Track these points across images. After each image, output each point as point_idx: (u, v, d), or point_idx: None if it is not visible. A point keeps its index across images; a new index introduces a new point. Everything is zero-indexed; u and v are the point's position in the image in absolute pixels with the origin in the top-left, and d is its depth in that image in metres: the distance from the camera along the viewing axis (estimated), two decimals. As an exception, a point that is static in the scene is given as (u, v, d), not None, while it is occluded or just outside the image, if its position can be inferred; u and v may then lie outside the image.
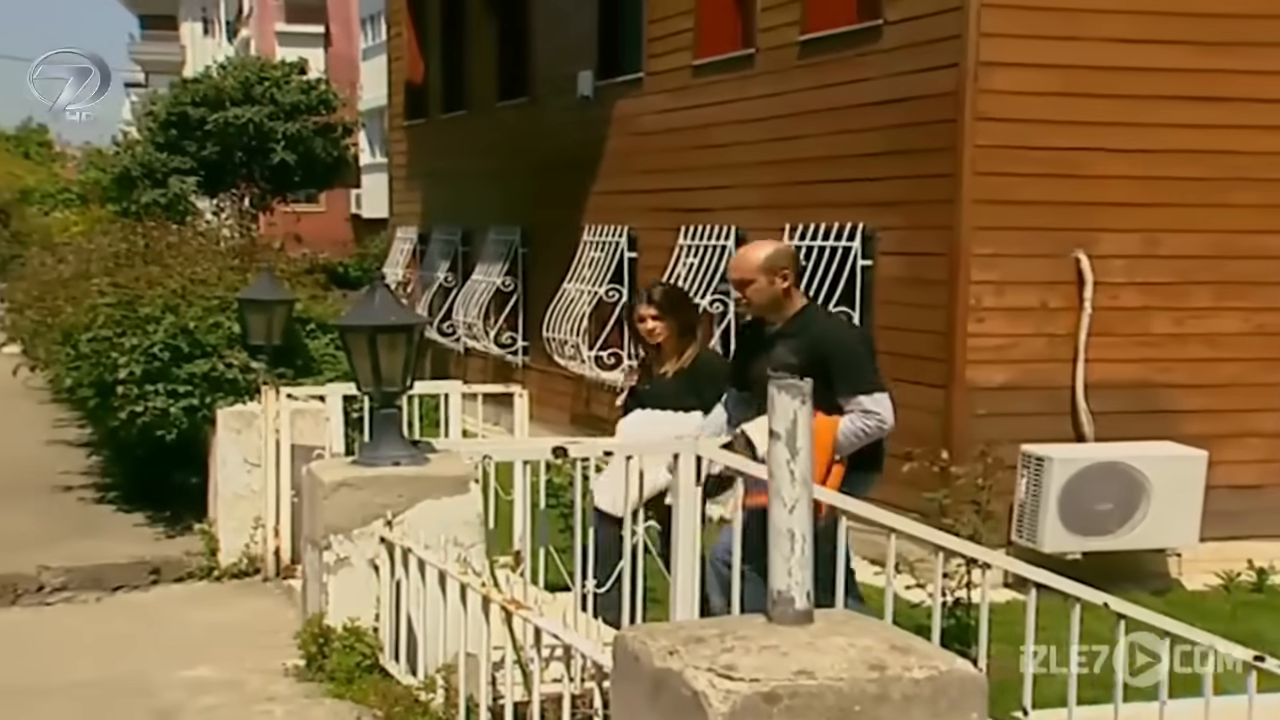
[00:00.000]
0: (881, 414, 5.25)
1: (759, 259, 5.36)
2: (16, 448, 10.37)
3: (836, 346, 5.31)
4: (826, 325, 5.48)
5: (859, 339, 5.60)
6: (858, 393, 5.21)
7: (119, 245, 9.34)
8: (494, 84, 15.57)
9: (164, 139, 29.05)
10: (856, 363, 5.28)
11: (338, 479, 4.51)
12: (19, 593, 6.24)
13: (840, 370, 5.23)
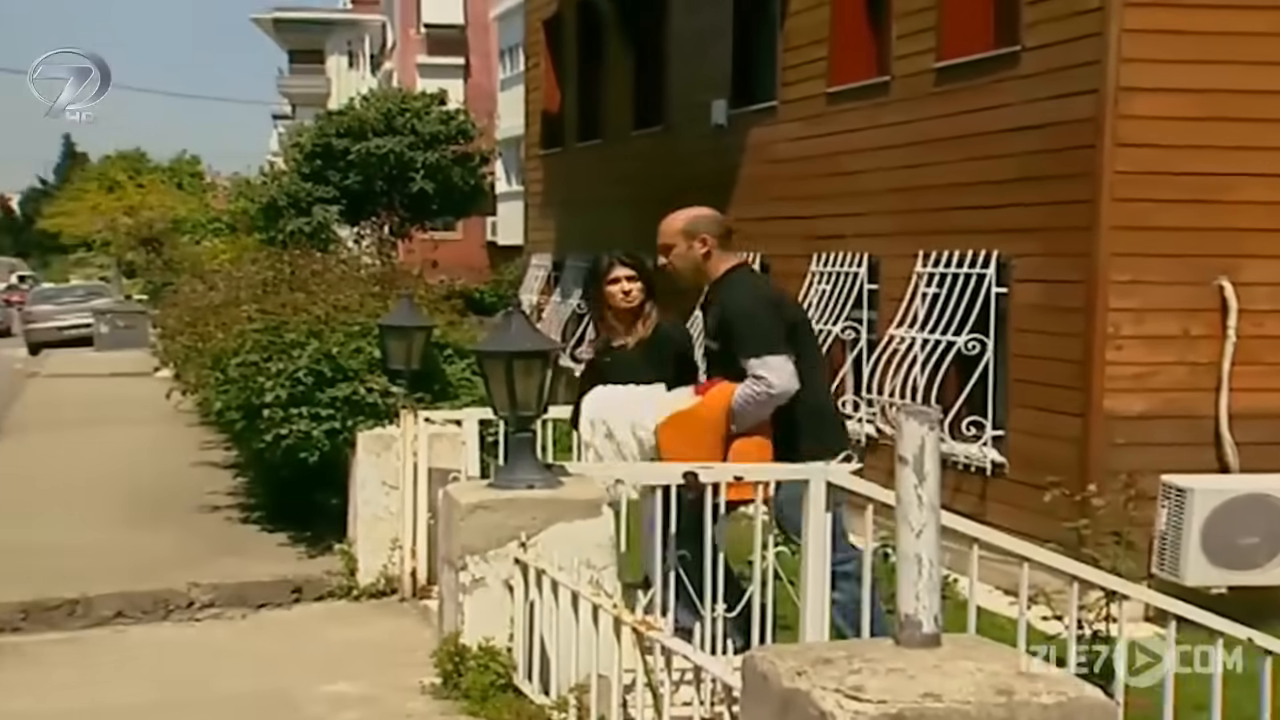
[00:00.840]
0: (770, 379, 5.06)
1: (679, 223, 5.41)
2: (167, 469, 10.75)
3: (734, 312, 5.23)
4: (729, 290, 5.34)
5: (758, 304, 5.30)
6: (749, 356, 5.10)
7: (266, 273, 9.61)
8: (629, 113, 15.74)
9: (309, 169, 29.81)
10: (748, 327, 5.15)
11: (474, 501, 4.61)
12: (170, 609, 6.45)
13: (735, 336, 5.17)
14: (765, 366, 5.03)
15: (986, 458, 9.20)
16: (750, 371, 5.03)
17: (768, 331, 5.13)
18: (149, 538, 7.92)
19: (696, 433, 5.09)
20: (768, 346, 5.07)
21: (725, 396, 5.07)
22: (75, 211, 59.04)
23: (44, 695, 5.26)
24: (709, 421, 5.09)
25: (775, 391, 5.02)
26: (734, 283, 5.36)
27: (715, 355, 5.36)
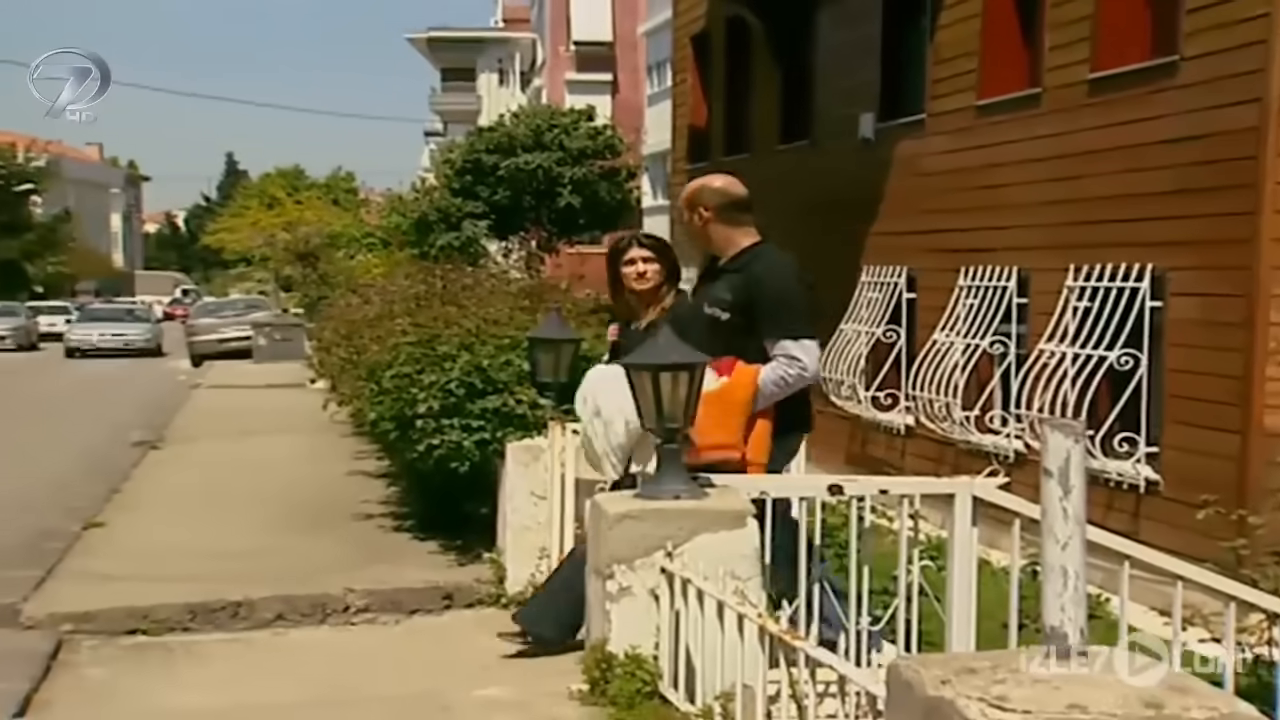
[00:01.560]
0: (805, 361, 5.04)
1: (686, 193, 5.40)
2: (322, 477, 11.06)
3: (767, 287, 5.14)
4: (764, 265, 5.26)
5: (795, 283, 5.27)
6: (783, 337, 5.04)
7: (418, 287, 9.83)
8: (775, 127, 15.76)
9: (459, 185, 30.37)
10: (786, 305, 5.10)
11: (621, 511, 4.67)
12: (328, 613, 6.64)
13: (767, 312, 5.09)
14: (802, 349, 5.04)
15: (1140, 475, 9.01)
16: (784, 352, 5.02)
17: (804, 313, 5.14)
18: (306, 544, 8.17)
19: (727, 415, 5.04)
20: (804, 329, 5.08)
21: (752, 376, 5.04)
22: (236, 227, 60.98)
23: (210, 691, 5.47)
24: (740, 403, 5.08)
25: (809, 375, 5.06)
26: (764, 258, 5.28)
27: (726, 327, 5.20)
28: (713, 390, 4.98)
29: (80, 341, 37.46)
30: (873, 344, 12.52)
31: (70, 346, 37.11)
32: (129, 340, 37.46)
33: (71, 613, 6.36)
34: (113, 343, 37.05)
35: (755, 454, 5.13)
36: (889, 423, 12.36)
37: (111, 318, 40.85)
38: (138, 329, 38.91)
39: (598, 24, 43.39)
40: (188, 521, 9.04)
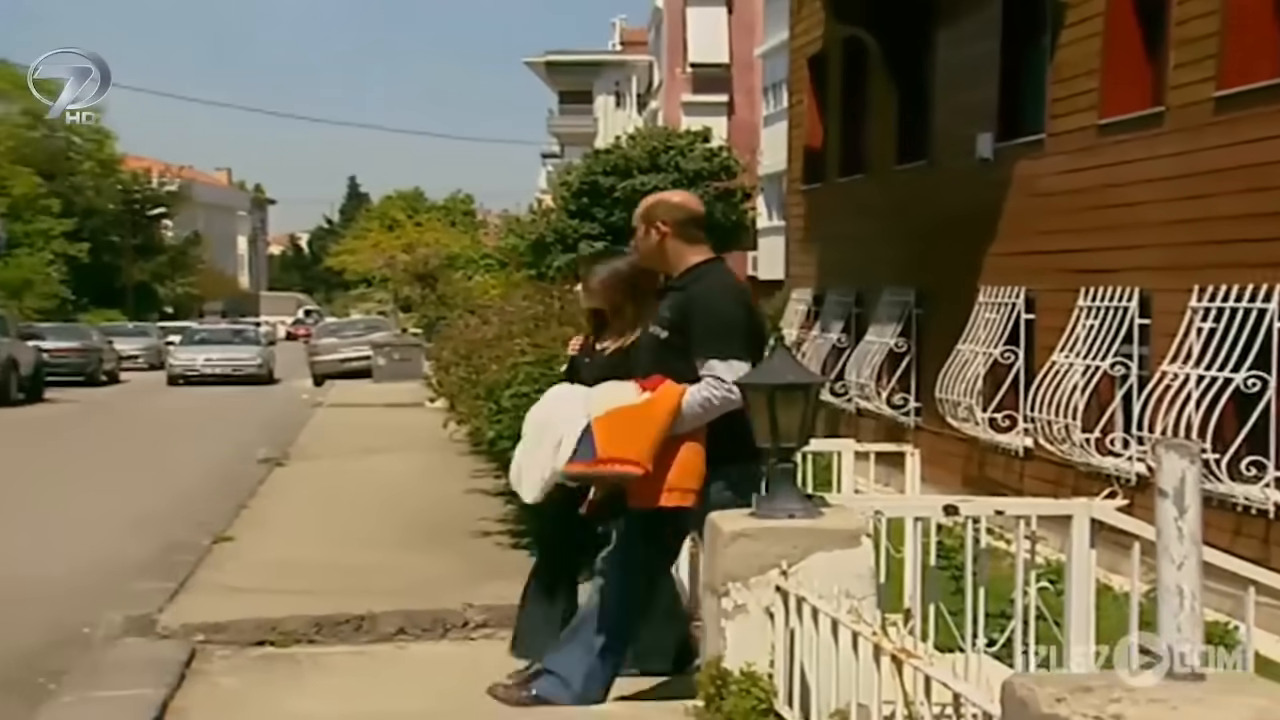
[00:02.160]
0: (729, 381, 4.82)
1: (641, 208, 5.24)
2: (441, 495, 11.25)
3: (702, 307, 4.97)
4: (704, 284, 5.08)
5: (731, 303, 5.07)
6: (711, 357, 4.87)
7: (536, 308, 9.98)
8: (892, 148, 15.71)
9: (575, 206, 30.70)
10: (718, 325, 4.91)
11: (736, 529, 4.72)
12: (447, 627, 6.75)
13: (697, 331, 4.92)
14: (730, 370, 4.85)
15: (1269, 499, 8.82)
16: (710, 372, 4.87)
17: (737, 334, 4.96)
18: (426, 560, 8.32)
19: (637, 430, 4.89)
20: (735, 350, 4.90)
21: (674, 397, 4.88)
22: (357, 249, 62.20)
23: (336, 700, 5.62)
24: (654, 420, 4.89)
25: (734, 397, 4.82)
26: (705, 275, 5.15)
27: (661, 345, 5.09)
28: (631, 404, 4.92)
29: (184, 367, 34.64)
30: (990, 365, 12.40)
31: (173, 373, 34.34)
32: (237, 365, 34.65)
33: (204, 623, 6.57)
34: (219, 368, 34.16)
35: (680, 479, 4.96)
36: (1007, 445, 12.23)
37: (218, 340, 37.52)
38: (246, 353, 35.88)
39: (714, 46, 43.56)
40: (312, 537, 9.25)
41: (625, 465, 4.86)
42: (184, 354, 35.52)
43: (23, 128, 56.81)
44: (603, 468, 4.89)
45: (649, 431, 4.86)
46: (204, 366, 34.17)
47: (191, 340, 37.74)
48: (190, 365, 34.36)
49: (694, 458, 4.93)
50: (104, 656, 6.20)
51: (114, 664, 6.06)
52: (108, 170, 61.69)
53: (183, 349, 36.35)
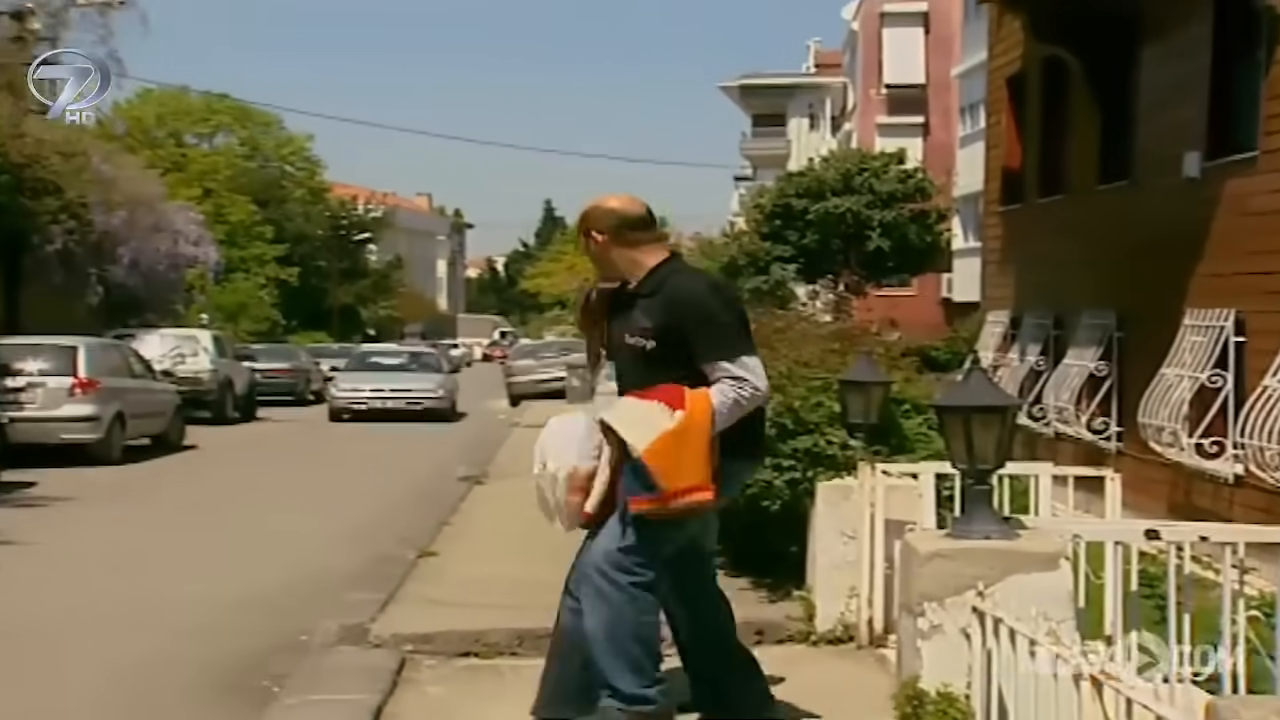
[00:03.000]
0: (752, 380, 4.74)
1: (580, 217, 5.05)
2: (636, 513, 11.42)
3: (692, 308, 4.78)
4: (680, 284, 4.89)
5: (720, 300, 4.92)
6: (719, 358, 4.72)
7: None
8: (1093, 168, 15.40)
9: (768, 229, 30.74)
10: (717, 325, 4.75)
11: (932, 549, 4.74)
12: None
13: (699, 334, 4.73)
14: (743, 367, 4.75)
15: None
16: (727, 374, 4.73)
17: (742, 330, 4.85)
18: (623, 576, 8.47)
19: (691, 453, 4.72)
20: (746, 347, 4.81)
21: (705, 409, 4.71)
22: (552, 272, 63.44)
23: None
24: (700, 439, 4.73)
25: (761, 393, 4.79)
26: (671, 276, 4.94)
27: (647, 357, 4.89)
28: (675, 428, 4.72)
29: (348, 400, 28.34)
30: (1196, 389, 12.04)
31: (335, 407, 28.39)
32: (414, 397, 28.33)
33: (413, 634, 6.84)
34: (391, 400, 27.99)
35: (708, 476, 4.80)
36: (1215, 471, 11.85)
37: (391, 366, 30.83)
38: (425, 383, 29.28)
39: (910, 67, 43.20)
40: (512, 552, 9.52)
41: (696, 494, 4.77)
42: (349, 383, 29.06)
43: (241, 158, 59.55)
44: (676, 501, 4.77)
45: (701, 452, 4.74)
46: (373, 398, 28.15)
47: (360, 365, 31.14)
48: (355, 397, 28.29)
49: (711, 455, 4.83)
50: (321, 662, 6.51)
51: (331, 670, 6.36)
52: (317, 198, 64.17)
53: (348, 377, 29.73)
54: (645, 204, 5.12)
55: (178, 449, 20.53)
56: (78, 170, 25.12)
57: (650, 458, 4.69)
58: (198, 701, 6.18)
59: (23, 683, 6.62)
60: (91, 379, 18.35)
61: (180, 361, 25.34)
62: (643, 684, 4.89)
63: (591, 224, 5.00)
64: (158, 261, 29.42)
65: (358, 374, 29.70)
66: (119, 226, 26.77)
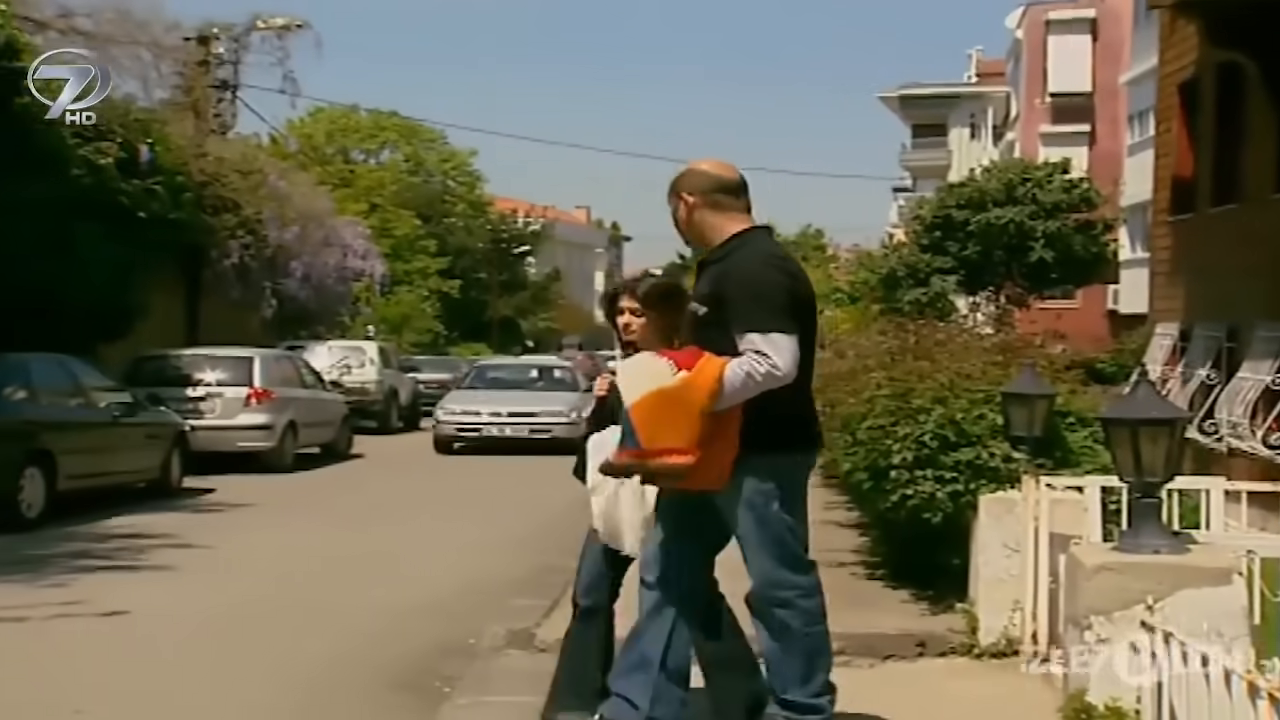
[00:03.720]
0: (775, 358, 4.46)
1: (672, 181, 4.86)
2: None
3: (735, 279, 4.61)
4: (740, 254, 4.71)
5: (771, 272, 4.67)
6: (749, 330, 4.50)
7: (891, 342, 10.07)
8: (1270, 175, 14.96)
9: (928, 240, 30.45)
10: (754, 297, 4.54)
11: (1099, 563, 4.71)
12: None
13: (737, 303, 4.54)
14: (771, 344, 4.49)
15: None
16: (751, 346, 4.50)
17: (779, 305, 4.56)
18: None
19: (680, 416, 4.54)
20: (776, 322, 4.52)
21: (712, 375, 4.52)
22: (711, 284, 63.48)
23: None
24: (695, 403, 4.54)
25: (780, 373, 4.48)
26: (745, 244, 4.79)
27: (699, 322, 4.78)
28: (669, 386, 4.58)
29: (457, 426, 22.42)
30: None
31: (441, 435, 22.47)
32: (539, 424, 22.04)
33: (576, 638, 6.96)
34: (510, 427, 22.17)
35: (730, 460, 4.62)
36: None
37: (514, 383, 24.60)
38: (554, 405, 22.50)
39: (1076, 75, 42.39)
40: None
41: (675, 455, 4.57)
42: (459, 405, 23.00)
43: (405, 174, 61.00)
44: (651, 460, 4.63)
45: (692, 415, 4.54)
46: (489, 424, 22.31)
47: (480, 380, 24.97)
48: (468, 423, 22.39)
49: (734, 437, 4.62)
50: (490, 666, 6.70)
51: (499, 673, 6.55)
52: (478, 211, 65.33)
53: (459, 397, 23.57)
54: (740, 172, 4.98)
55: (345, 457, 21.13)
56: (254, 187, 26.03)
57: (636, 411, 4.60)
58: (373, 700, 6.39)
59: (206, 677, 6.94)
60: (266, 389, 19.01)
61: (348, 372, 26.05)
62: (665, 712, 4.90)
63: (683, 186, 4.88)
64: (327, 275, 30.28)
65: (472, 393, 23.71)
66: (292, 241, 27.64)
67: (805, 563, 4.92)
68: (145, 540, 11.78)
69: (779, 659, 4.84)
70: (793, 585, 4.80)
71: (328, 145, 58.87)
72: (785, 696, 4.84)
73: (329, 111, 57.73)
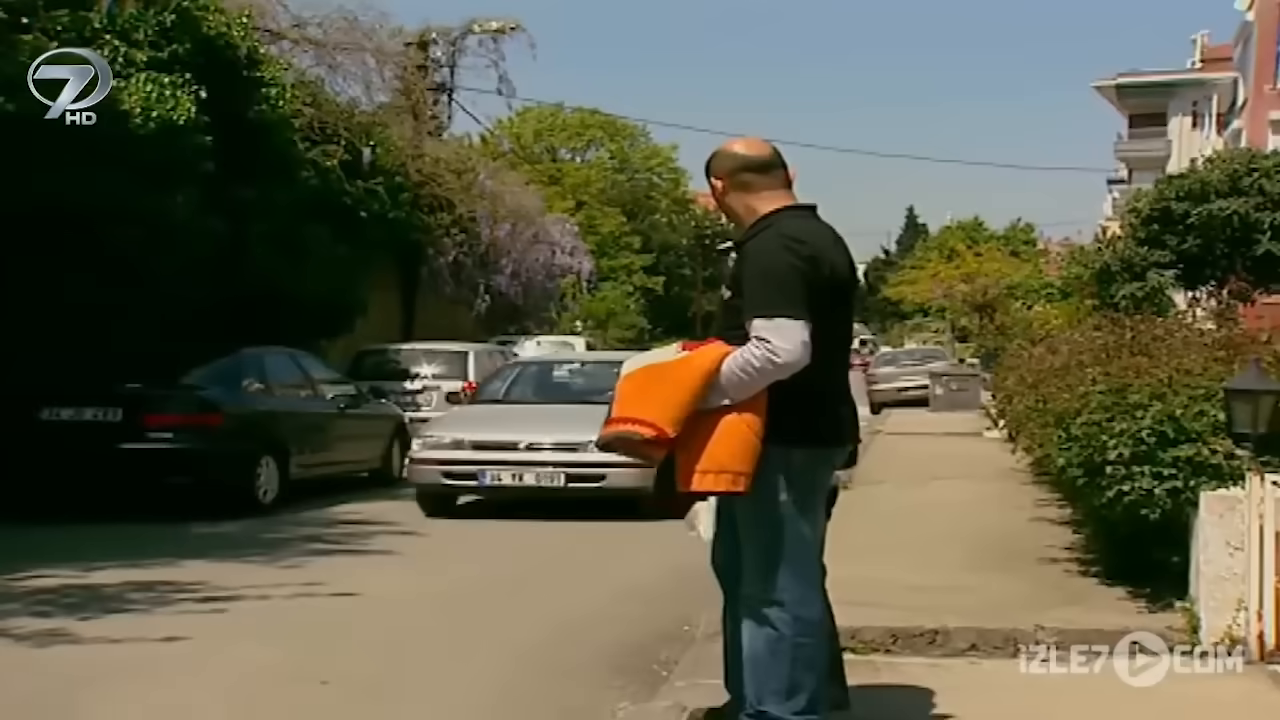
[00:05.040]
0: (775, 343, 4.17)
1: (707, 165, 4.59)
2: (1003, 522, 11.39)
3: (754, 258, 4.37)
4: (760, 237, 4.46)
5: (784, 255, 4.36)
6: (756, 315, 4.24)
7: (1107, 338, 9.92)
8: None
9: (1145, 234, 29.51)
10: (763, 280, 4.28)
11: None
12: (1018, 647, 6.87)
13: (750, 285, 4.32)
14: (775, 329, 4.21)
15: None
16: (755, 332, 4.24)
17: (787, 288, 4.26)
18: (994, 582, 8.51)
19: (656, 388, 4.32)
20: (783, 306, 4.23)
21: (711, 359, 4.30)
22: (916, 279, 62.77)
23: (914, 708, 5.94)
24: (680, 381, 4.30)
25: (781, 360, 4.19)
26: (770, 225, 4.52)
27: (725, 307, 4.60)
28: (663, 363, 4.42)
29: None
30: None
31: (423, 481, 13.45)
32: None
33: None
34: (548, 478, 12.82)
35: (722, 458, 4.29)
36: None
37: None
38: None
39: (1311, 59, 40.55)
40: (883, 556, 9.64)
41: (633, 425, 4.33)
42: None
43: (610, 171, 61.89)
44: (614, 427, 4.40)
45: (672, 393, 4.30)
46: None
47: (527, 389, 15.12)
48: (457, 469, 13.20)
49: (742, 433, 4.28)
50: (704, 651, 6.86)
51: (714, 658, 6.63)
52: (681, 207, 65.85)
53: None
54: (773, 148, 4.75)
55: (555, 449, 21.59)
56: (467, 186, 26.86)
57: (623, 383, 4.46)
58: (594, 680, 6.64)
59: (437, 652, 7.32)
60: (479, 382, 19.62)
61: (556, 366, 26.61)
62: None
63: (712, 170, 4.69)
64: (536, 272, 31.01)
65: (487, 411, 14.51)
66: (503, 239, 28.42)
67: (812, 566, 4.69)
68: (370, 526, 12.37)
69: (763, 666, 4.55)
70: (792, 588, 4.51)
71: (535, 144, 60.11)
72: (761, 708, 4.55)
73: (536, 110, 58.96)
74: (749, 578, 4.56)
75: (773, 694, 4.51)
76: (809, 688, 4.56)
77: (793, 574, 4.51)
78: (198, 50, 15.45)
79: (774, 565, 4.50)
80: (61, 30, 13.83)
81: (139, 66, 14.36)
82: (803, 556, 4.56)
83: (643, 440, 4.30)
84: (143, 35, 14.82)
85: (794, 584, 4.50)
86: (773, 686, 4.51)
